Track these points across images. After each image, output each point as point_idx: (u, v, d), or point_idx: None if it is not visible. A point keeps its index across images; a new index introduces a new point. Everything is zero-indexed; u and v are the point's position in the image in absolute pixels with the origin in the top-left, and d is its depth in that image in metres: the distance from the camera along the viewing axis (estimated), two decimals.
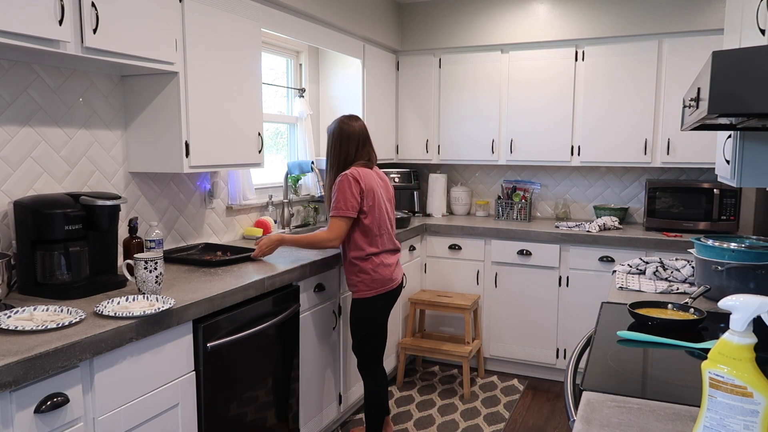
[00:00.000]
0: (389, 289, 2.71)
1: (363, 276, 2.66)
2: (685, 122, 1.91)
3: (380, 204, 2.67)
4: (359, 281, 2.67)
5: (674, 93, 3.66)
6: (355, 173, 2.58)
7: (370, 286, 2.67)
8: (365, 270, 2.65)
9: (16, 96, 2.09)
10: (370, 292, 2.67)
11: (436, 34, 4.28)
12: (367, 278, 2.66)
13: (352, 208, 2.55)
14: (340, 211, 2.55)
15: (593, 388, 1.30)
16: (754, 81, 1.23)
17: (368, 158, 2.72)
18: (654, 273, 2.40)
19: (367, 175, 2.63)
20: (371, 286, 2.67)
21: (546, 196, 4.42)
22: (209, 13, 2.50)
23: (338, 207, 2.55)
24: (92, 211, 2.05)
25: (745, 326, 0.93)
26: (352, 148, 2.67)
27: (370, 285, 2.67)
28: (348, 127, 2.69)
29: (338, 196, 2.56)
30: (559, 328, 3.79)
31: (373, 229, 2.64)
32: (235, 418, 2.23)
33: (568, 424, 3.02)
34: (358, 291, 2.68)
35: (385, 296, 2.71)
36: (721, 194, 3.56)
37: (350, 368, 3.17)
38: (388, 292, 2.71)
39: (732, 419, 0.93)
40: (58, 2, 1.77)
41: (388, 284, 2.70)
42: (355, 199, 2.56)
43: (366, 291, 2.67)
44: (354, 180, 2.56)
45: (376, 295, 2.68)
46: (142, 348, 1.79)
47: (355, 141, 2.68)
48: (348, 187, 2.55)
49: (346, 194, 2.55)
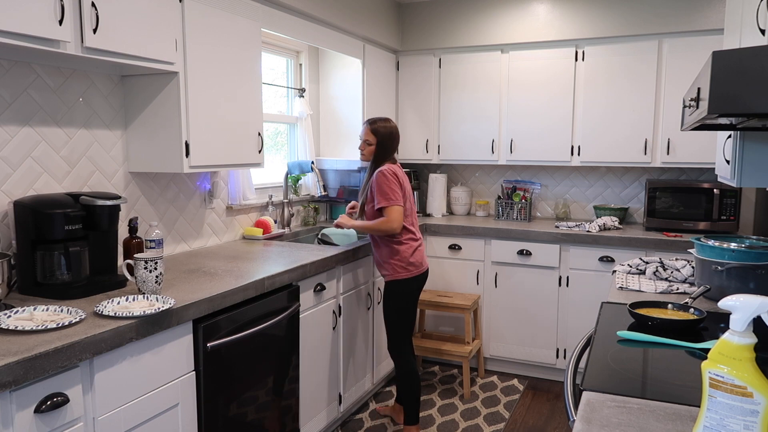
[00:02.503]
0: (422, 272, 2.95)
1: (401, 259, 2.88)
2: (685, 122, 1.91)
3: (410, 197, 2.97)
4: (397, 264, 2.89)
5: (674, 93, 3.66)
6: (393, 169, 2.87)
7: (407, 268, 2.89)
8: (403, 253, 2.88)
9: (16, 96, 2.09)
10: (406, 274, 2.89)
11: (436, 34, 4.28)
12: (404, 261, 2.88)
13: (398, 197, 2.83)
14: (393, 201, 2.81)
15: (593, 388, 1.30)
16: (754, 81, 1.23)
17: (394, 159, 3.01)
18: (654, 273, 2.40)
19: (399, 170, 2.92)
20: (408, 269, 2.89)
21: (546, 196, 4.42)
22: (209, 13, 2.50)
23: (390, 198, 2.81)
24: (92, 211, 2.05)
25: (745, 326, 0.93)
26: (396, 147, 2.98)
27: (408, 267, 2.89)
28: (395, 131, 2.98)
29: (386, 188, 2.81)
30: (559, 328, 3.79)
31: (408, 218, 2.91)
32: (235, 418, 2.23)
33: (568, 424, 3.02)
34: (396, 273, 2.89)
35: (417, 279, 2.93)
36: (721, 194, 3.56)
37: (350, 368, 3.17)
38: (421, 274, 2.94)
39: (732, 419, 0.93)
40: (58, 2, 1.77)
41: (421, 267, 2.94)
42: (398, 192, 2.84)
43: (403, 272, 2.89)
44: (394, 175, 2.84)
45: (412, 277, 2.90)
46: (142, 348, 1.79)
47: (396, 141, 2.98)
48: (394, 179, 2.84)
49: (392, 186, 2.82)
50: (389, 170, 2.84)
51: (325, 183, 4.02)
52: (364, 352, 3.33)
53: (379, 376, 3.53)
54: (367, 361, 3.38)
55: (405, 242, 2.90)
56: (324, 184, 3.89)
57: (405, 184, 2.93)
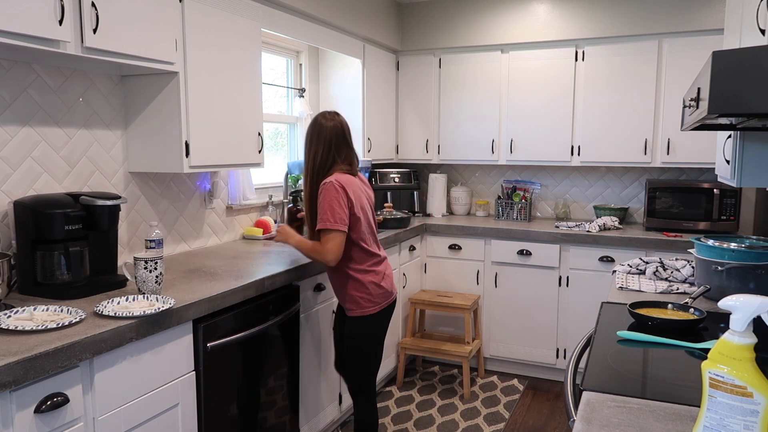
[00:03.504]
0: (392, 302, 2.48)
1: (367, 290, 2.37)
2: (685, 122, 1.91)
3: (366, 210, 2.42)
4: (362, 297, 2.37)
5: (674, 93, 3.66)
6: (341, 180, 2.27)
7: (374, 301, 2.39)
8: (369, 285, 2.37)
9: (16, 96, 2.09)
10: (374, 308, 2.39)
11: (436, 34, 4.28)
12: (371, 292, 2.37)
13: (341, 221, 2.24)
14: (328, 223, 2.22)
15: (593, 388, 1.30)
16: (754, 81, 1.23)
17: (350, 163, 2.40)
18: (654, 273, 2.40)
19: (352, 183, 2.33)
20: (376, 301, 2.39)
21: (546, 196, 4.42)
22: (209, 13, 2.50)
23: (326, 219, 2.23)
24: (92, 211, 2.05)
25: (745, 326, 0.93)
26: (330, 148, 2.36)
27: (375, 300, 2.39)
28: (324, 124, 2.37)
29: (325, 206, 2.23)
30: (559, 328, 3.79)
31: (366, 240, 2.38)
32: (235, 418, 2.23)
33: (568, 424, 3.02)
34: (361, 308, 2.38)
35: (387, 310, 2.46)
36: (721, 194, 3.56)
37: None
38: (391, 305, 2.48)
39: (732, 419, 0.93)
40: (58, 2, 1.77)
41: (390, 297, 2.46)
42: (344, 211, 2.25)
43: (371, 307, 2.39)
44: (341, 188, 2.25)
45: (381, 310, 2.42)
46: (142, 348, 1.79)
47: (333, 141, 2.36)
48: (336, 197, 2.24)
49: (333, 204, 2.23)
50: (337, 183, 2.25)
51: None
52: None
53: (379, 376, 3.52)
54: None
55: (369, 270, 2.37)
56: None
57: (363, 199, 2.39)
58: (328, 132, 2.37)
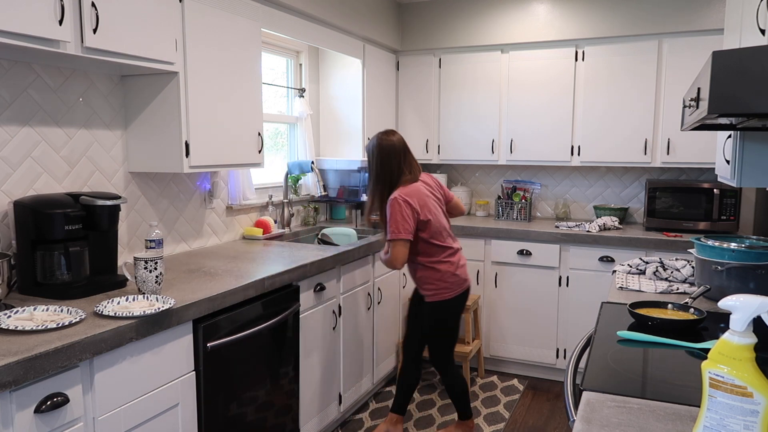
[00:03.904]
0: (465, 289, 2.80)
1: (443, 279, 2.71)
2: (685, 122, 1.91)
3: (435, 214, 2.72)
4: (440, 284, 2.72)
5: (674, 93, 3.66)
6: (404, 195, 2.62)
7: (450, 288, 2.73)
8: (445, 273, 2.71)
9: (16, 96, 2.09)
10: (450, 294, 2.73)
11: (436, 34, 4.28)
12: (447, 280, 2.71)
13: (405, 230, 2.60)
14: (394, 234, 2.60)
15: (593, 388, 1.30)
16: (754, 81, 1.23)
17: (410, 171, 2.74)
18: (654, 273, 2.40)
19: (415, 192, 2.66)
20: (451, 288, 2.73)
21: (546, 196, 4.42)
22: (209, 12, 2.50)
23: (392, 231, 2.61)
24: (92, 211, 2.05)
25: (745, 326, 0.93)
26: (395, 163, 2.70)
27: (451, 286, 2.73)
28: (387, 143, 2.71)
29: (392, 219, 2.61)
30: (559, 328, 3.79)
31: (438, 236, 2.71)
32: (235, 418, 2.23)
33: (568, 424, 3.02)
34: (439, 294, 2.73)
35: (462, 296, 2.78)
36: (721, 194, 3.56)
37: (350, 368, 3.17)
38: (464, 291, 2.80)
39: (732, 419, 0.93)
40: (58, 2, 1.77)
41: (464, 284, 2.78)
42: (409, 222, 2.60)
43: (447, 293, 2.72)
44: (405, 203, 2.61)
45: (456, 296, 2.74)
46: (142, 348, 1.79)
47: (397, 156, 2.70)
48: (399, 211, 2.60)
49: (397, 218, 2.59)
50: (401, 198, 2.61)
51: (325, 183, 4.02)
52: (364, 352, 3.32)
53: (379, 376, 3.52)
54: (368, 361, 3.38)
55: (444, 261, 2.73)
56: (324, 184, 3.89)
57: (428, 201, 2.70)
58: (396, 147, 2.71)
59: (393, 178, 2.71)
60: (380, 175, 2.72)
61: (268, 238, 3.28)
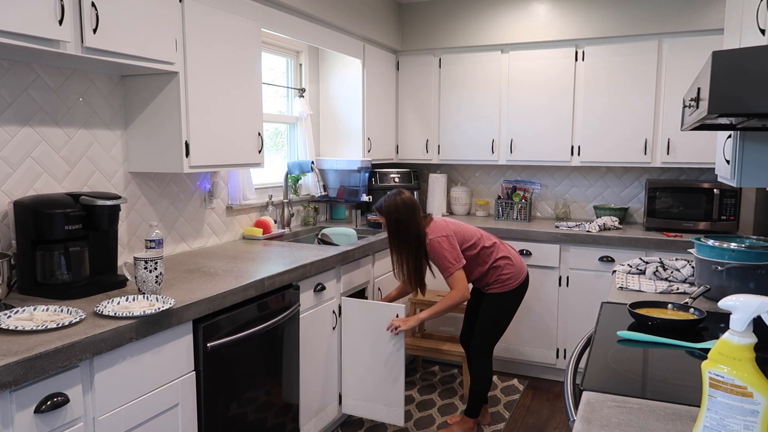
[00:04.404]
0: (526, 278, 3.01)
1: (509, 270, 2.92)
2: (685, 122, 1.91)
3: (468, 231, 2.93)
4: (508, 276, 2.92)
5: (674, 93, 3.66)
6: (438, 232, 2.82)
7: (516, 277, 2.94)
8: (506, 267, 2.93)
9: (16, 96, 2.09)
10: (515, 283, 2.93)
11: (436, 34, 4.28)
12: (513, 271, 2.93)
13: (456, 259, 2.82)
14: (453, 266, 2.80)
15: (593, 388, 1.30)
16: (754, 81, 1.23)
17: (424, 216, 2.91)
18: (654, 273, 2.40)
19: (442, 225, 2.87)
20: (516, 277, 2.94)
21: (546, 196, 4.42)
22: (209, 12, 2.50)
23: (448, 265, 2.80)
24: (92, 211, 2.05)
25: (745, 326, 0.93)
26: (420, 216, 2.86)
27: (516, 276, 2.94)
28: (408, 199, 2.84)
29: (441, 257, 2.80)
30: (559, 328, 3.79)
31: (482, 243, 2.92)
32: (235, 418, 2.23)
33: (568, 424, 3.02)
34: (506, 284, 2.92)
35: (524, 285, 2.99)
36: (721, 194, 3.56)
37: (350, 368, 3.17)
38: (525, 280, 3.00)
39: (732, 419, 0.93)
40: (58, 2, 1.77)
41: (523, 271, 3.00)
42: (457, 250, 2.83)
43: (512, 282, 2.93)
44: (444, 238, 2.81)
45: (519, 285, 2.95)
46: (142, 348, 1.79)
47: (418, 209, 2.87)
48: (446, 246, 2.81)
49: (445, 254, 2.80)
50: (439, 238, 2.80)
51: (325, 183, 4.02)
52: None
53: None
54: None
55: (500, 259, 2.93)
56: (324, 184, 3.89)
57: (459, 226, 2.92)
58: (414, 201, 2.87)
59: (420, 230, 2.83)
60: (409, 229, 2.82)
61: (268, 238, 3.28)
